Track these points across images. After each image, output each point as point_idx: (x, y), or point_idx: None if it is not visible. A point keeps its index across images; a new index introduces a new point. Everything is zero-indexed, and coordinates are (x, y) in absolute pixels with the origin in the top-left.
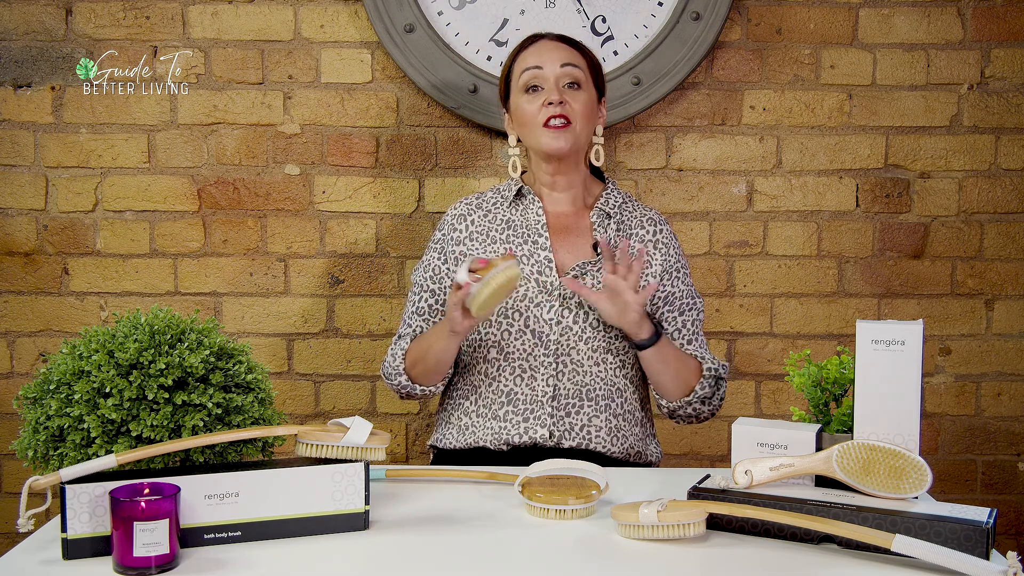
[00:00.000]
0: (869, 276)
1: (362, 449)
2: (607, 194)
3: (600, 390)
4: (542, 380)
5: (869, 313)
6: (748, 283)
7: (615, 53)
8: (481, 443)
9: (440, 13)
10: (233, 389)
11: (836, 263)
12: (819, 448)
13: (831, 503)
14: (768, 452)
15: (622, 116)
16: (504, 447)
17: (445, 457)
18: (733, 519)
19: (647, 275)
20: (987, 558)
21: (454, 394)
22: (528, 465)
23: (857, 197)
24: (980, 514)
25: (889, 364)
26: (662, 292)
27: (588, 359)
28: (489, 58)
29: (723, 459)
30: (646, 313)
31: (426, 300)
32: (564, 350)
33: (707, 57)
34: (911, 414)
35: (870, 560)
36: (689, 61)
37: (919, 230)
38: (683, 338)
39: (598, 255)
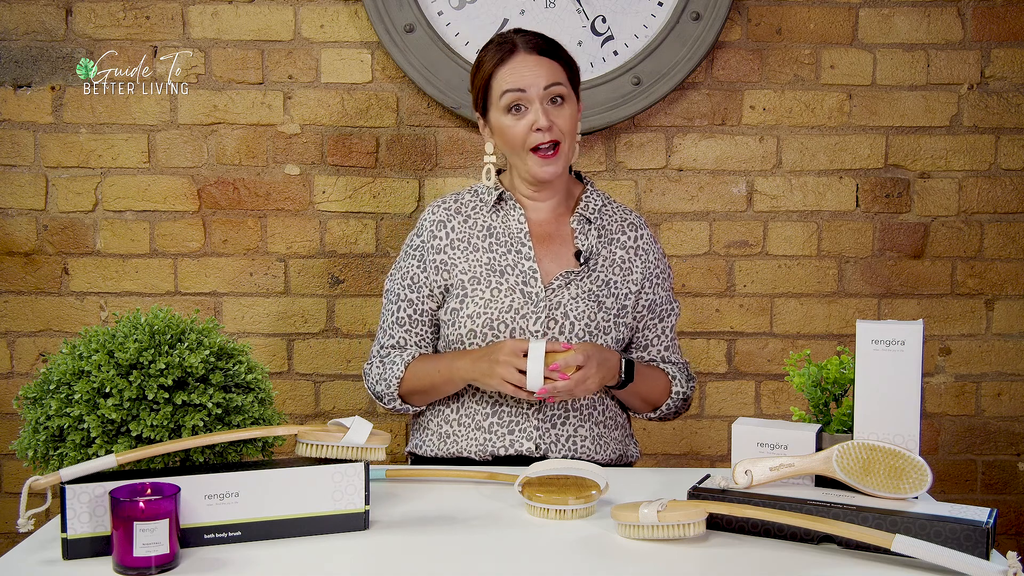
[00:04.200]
0: (869, 276)
1: (362, 449)
2: (587, 198)
3: (584, 399)
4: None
5: (869, 313)
6: (748, 283)
7: (615, 53)
8: (464, 453)
9: (440, 13)
10: (233, 389)
11: (836, 263)
12: (819, 448)
13: (831, 503)
14: (768, 452)
15: (622, 116)
16: (489, 458)
17: (424, 464)
18: (733, 519)
19: (628, 282)
20: (987, 558)
21: (434, 401)
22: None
23: (857, 197)
24: (980, 514)
25: (889, 364)
26: (645, 300)
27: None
28: None
29: (723, 459)
30: (601, 368)
31: (404, 310)
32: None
33: (707, 57)
34: (911, 414)
35: (870, 560)
36: (689, 61)
37: (919, 230)
38: (661, 344)
39: (581, 264)
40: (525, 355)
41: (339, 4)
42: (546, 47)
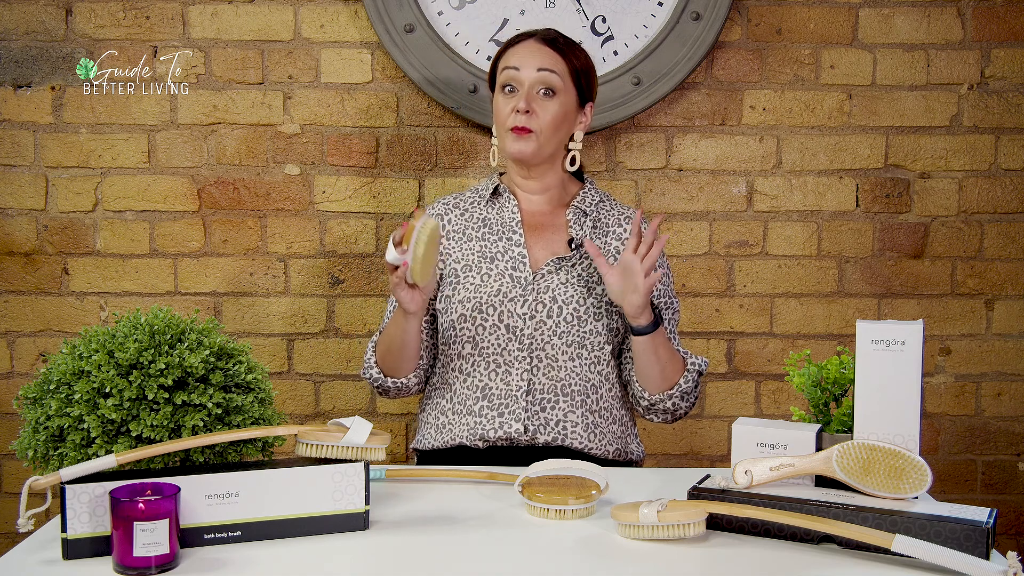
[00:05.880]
0: (869, 276)
1: (362, 449)
2: (584, 193)
3: (575, 385)
4: (516, 375)
5: (869, 313)
6: (748, 283)
7: (615, 53)
8: (457, 440)
9: (440, 13)
10: (233, 389)
11: (836, 263)
12: (819, 448)
13: (831, 503)
14: (768, 452)
15: (622, 116)
16: (480, 443)
17: (426, 459)
18: (733, 519)
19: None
20: (987, 558)
21: (432, 394)
22: (507, 464)
23: (857, 197)
24: (980, 514)
25: (889, 364)
26: None
27: (562, 354)
28: (489, 58)
29: (723, 459)
30: (650, 301)
31: None
32: (538, 345)
33: (707, 57)
34: (911, 414)
35: (870, 560)
36: (689, 61)
37: (919, 230)
38: None
39: (573, 251)
40: (394, 268)
41: (339, 4)
42: (557, 41)
